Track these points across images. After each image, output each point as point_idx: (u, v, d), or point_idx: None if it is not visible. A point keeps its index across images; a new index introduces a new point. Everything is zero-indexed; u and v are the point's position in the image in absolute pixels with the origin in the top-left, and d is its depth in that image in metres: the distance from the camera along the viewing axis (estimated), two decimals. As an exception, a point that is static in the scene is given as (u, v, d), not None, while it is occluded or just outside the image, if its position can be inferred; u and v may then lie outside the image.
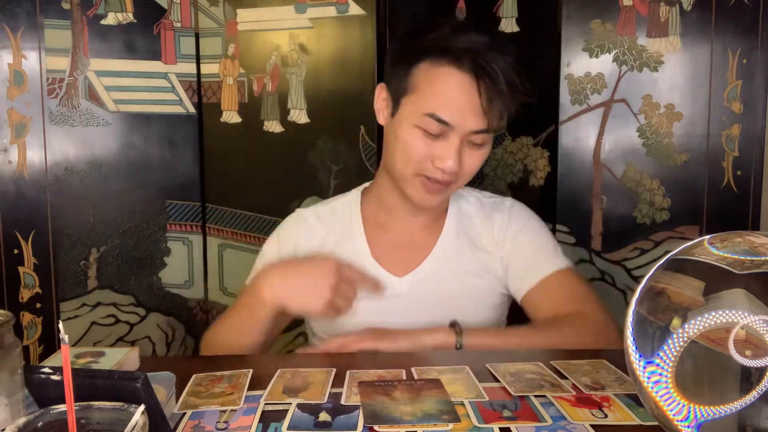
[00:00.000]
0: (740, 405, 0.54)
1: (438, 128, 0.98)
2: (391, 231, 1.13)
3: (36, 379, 0.63)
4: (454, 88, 0.97)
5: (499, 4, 1.46)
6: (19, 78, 1.44)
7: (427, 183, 1.02)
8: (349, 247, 1.11)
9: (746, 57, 1.34)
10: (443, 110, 0.97)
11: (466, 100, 0.97)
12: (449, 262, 1.11)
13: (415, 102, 0.99)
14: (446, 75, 0.97)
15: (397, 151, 1.03)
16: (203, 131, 1.57)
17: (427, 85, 0.98)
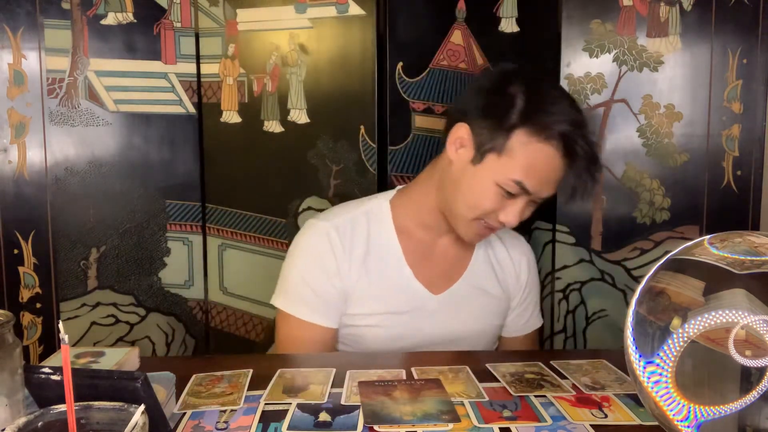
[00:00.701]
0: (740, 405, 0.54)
1: (516, 191, 1.02)
2: (426, 247, 1.15)
3: (36, 379, 0.63)
4: (546, 163, 1.02)
5: (499, 4, 1.46)
6: (19, 78, 1.44)
7: (482, 228, 1.08)
8: (388, 260, 1.12)
9: (746, 57, 1.34)
10: (529, 180, 1.01)
11: (552, 173, 1.03)
12: (477, 282, 1.18)
13: (505, 164, 1.02)
14: (541, 150, 1.01)
15: (467, 197, 1.06)
16: (203, 131, 1.57)
17: (522, 155, 1.01)
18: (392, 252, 1.13)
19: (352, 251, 1.11)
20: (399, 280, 1.12)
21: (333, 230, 1.11)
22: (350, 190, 1.48)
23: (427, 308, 1.12)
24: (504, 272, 1.21)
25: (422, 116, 1.46)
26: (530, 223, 1.49)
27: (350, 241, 1.11)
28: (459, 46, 1.47)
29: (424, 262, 1.14)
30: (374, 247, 1.12)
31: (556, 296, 1.45)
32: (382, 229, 1.14)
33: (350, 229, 1.12)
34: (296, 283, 1.12)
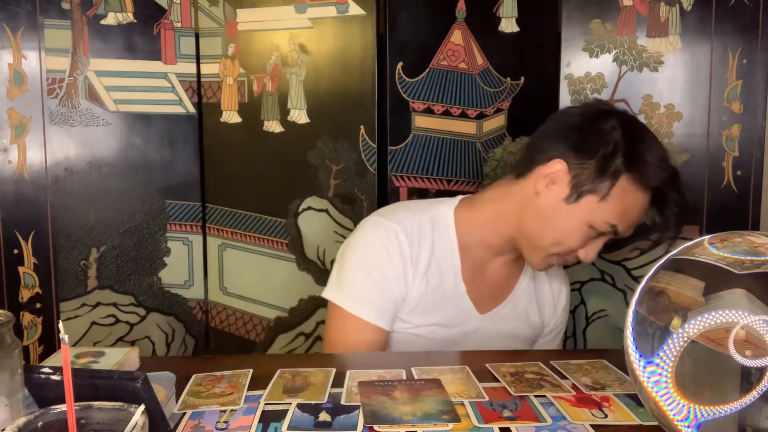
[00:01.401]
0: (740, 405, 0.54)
1: (608, 231, 1.05)
2: (481, 265, 1.15)
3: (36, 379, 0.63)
4: (639, 210, 1.05)
5: (499, 4, 1.46)
6: (19, 78, 1.44)
7: (555, 260, 1.09)
8: (448, 274, 1.12)
9: (746, 57, 1.34)
10: (622, 224, 1.04)
11: (641, 217, 1.07)
12: (519, 307, 1.18)
13: (602, 208, 1.03)
14: (640, 199, 1.04)
15: (554, 232, 1.06)
16: (203, 131, 1.57)
17: (621, 202, 1.03)
18: (453, 265, 1.12)
19: (419, 257, 1.09)
20: (453, 294, 1.12)
21: (402, 233, 1.09)
22: (350, 190, 1.48)
23: (470, 325, 1.13)
24: (543, 301, 1.22)
25: (422, 116, 1.46)
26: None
27: (417, 247, 1.10)
28: (459, 46, 1.47)
29: (477, 280, 1.14)
30: (437, 258, 1.11)
31: (556, 296, 1.45)
32: (446, 241, 1.12)
33: (417, 235, 1.10)
34: (360, 279, 1.08)
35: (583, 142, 1.05)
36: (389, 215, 1.13)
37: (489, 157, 1.51)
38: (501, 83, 1.48)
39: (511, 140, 1.50)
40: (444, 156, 1.50)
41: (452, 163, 1.52)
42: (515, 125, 1.49)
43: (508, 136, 1.50)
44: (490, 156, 1.51)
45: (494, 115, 1.49)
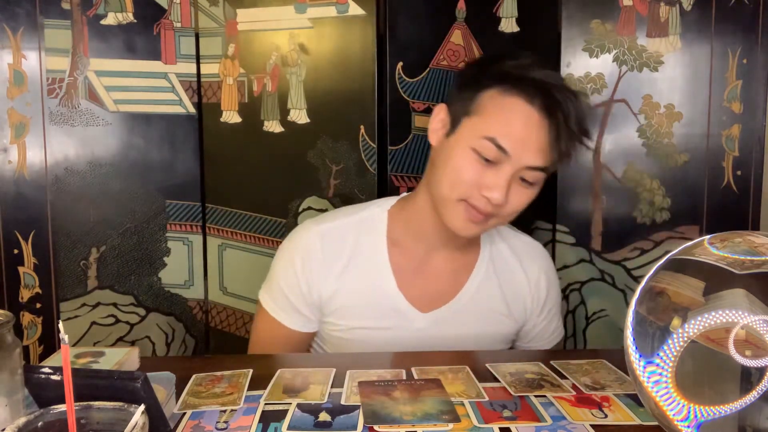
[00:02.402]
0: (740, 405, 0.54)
1: (494, 154, 0.95)
2: (418, 261, 1.10)
3: (36, 379, 0.63)
4: (522, 119, 0.96)
5: (499, 4, 1.46)
6: (19, 78, 1.44)
7: (469, 209, 0.99)
8: (373, 274, 1.08)
9: (746, 57, 1.34)
10: (505, 138, 0.95)
11: (530, 133, 0.95)
12: (475, 304, 1.10)
13: (476, 124, 0.97)
14: (516, 105, 0.96)
15: (446, 172, 1.00)
16: (203, 131, 1.57)
17: (493, 110, 0.97)
18: (379, 264, 1.08)
19: (334, 261, 1.07)
20: (383, 295, 1.07)
21: (317, 236, 1.08)
22: (350, 190, 1.48)
23: (413, 326, 1.08)
24: (516, 293, 1.13)
25: (422, 116, 1.46)
26: (530, 223, 1.49)
27: (333, 250, 1.07)
28: (459, 46, 1.47)
29: (415, 279, 1.09)
30: (359, 259, 1.08)
31: (556, 296, 1.45)
32: (374, 241, 1.09)
33: (337, 237, 1.08)
34: (274, 281, 1.11)
35: (461, 83, 1.04)
36: (318, 218, 1.14)
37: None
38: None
39: (511, 140, 1.50)
40: (444, 156, 1.50)
41: (452, 163, 1.52)
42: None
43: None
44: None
45: (494, 115, 1.49)
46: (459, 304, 1.10)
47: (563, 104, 0.96)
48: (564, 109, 0.96)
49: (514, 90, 0.96)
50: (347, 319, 1.08)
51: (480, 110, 0.98)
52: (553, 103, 0.96)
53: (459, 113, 1.00)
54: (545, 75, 0.98)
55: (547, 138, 0.96)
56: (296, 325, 1.10)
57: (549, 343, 1.19)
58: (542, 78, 0.97)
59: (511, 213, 1.01)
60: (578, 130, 0.98)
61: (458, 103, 1.01)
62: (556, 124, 0.96)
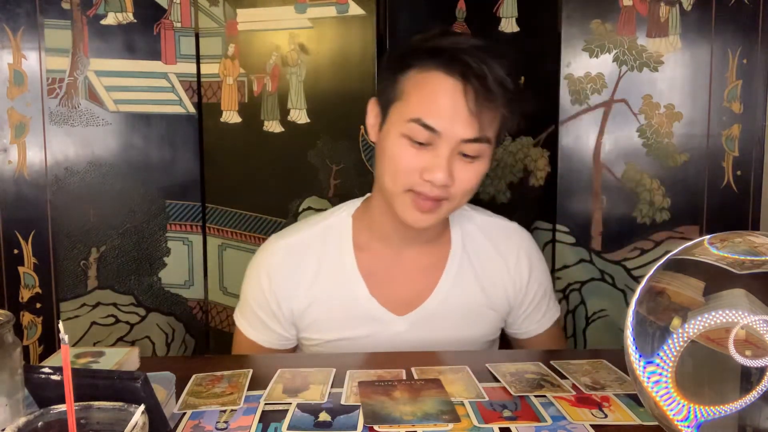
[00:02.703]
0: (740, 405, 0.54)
1: (425, 136, 0.91)
2: (387, 263, 1.05)
3: (36, 379, 0.63)
4: (441, 92, 0.91)
5: (499, 4, 1.46)
6: (19, 78, 1.44)
7: (416, 199, 0.94)
8: (343, 283, 1.04)
9: (746, 57, 1.34)
10: (429, 116, 0.90)
11: (454, 104, 0.90)
12: (453, 300, 1.05)
13: (401, 109, 0.94)
14: (433, 79, 0.92)
15: (385, 165, 0.96)
16: (203, 131, 1.57)
17: (414, 90, 0.93)
18: (347, 271, 1.03)
19: (301, 275, 1.03)
20: (355, 304, 1.03)
21: (282, 251, 1.05)
22: (350, 190, 1.48)
23: (392, 330, 1.03)
24: (494, 281, 1.08)
25: (422, 116, 1.46)
26: (530, 223, 1.49)
27: (299, 264, 1.04)
28: (459, 46, 1.47)
29: (387, 282, 1.04)
30: (327, 269, 1.04)
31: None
32: (340, 248, 1.05)
33: (302, 250, 1.05)
34: (245, 301, 1.08)
35: (383, 70, 1.03)
36: (283, 232, 1.10)
37: (489, 157, 1.51)
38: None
39: (511, 140, 1.50)
40: (444, 156, 1.50)
41: (452, 163, 1.52)
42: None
43: (508, 135, 1.50)
44: (490, 156, 1.51)
45: (494, 115, 1.49)
46: (435, 302, 1.05)
47: (476, 67, 0.89)
48: (477, 73, 0.89)
49: (428, 64, 0.92)
50: (323, 332, 1.05)
51: (402, 94, 0.94)
52: (467, 68, 0.90)
53: (386, 102, 0.97)
54: (454, 42, 0.93)
55: (474, 106, 0.90)
56: (272, 343, 1.07)
57: (541, 326, 1.13)
58: (451, 45, 0.92)
59: (462, 193, 0.95)
60: (499, 88, 0.90)
61: (383, 92, 0.98)
62: (474, 89, 0.89)
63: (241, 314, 1.10)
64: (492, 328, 1.11)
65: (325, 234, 1.06)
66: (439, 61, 0.91)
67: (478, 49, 0.91)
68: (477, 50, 0.91)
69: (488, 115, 0.91)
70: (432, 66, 0.92)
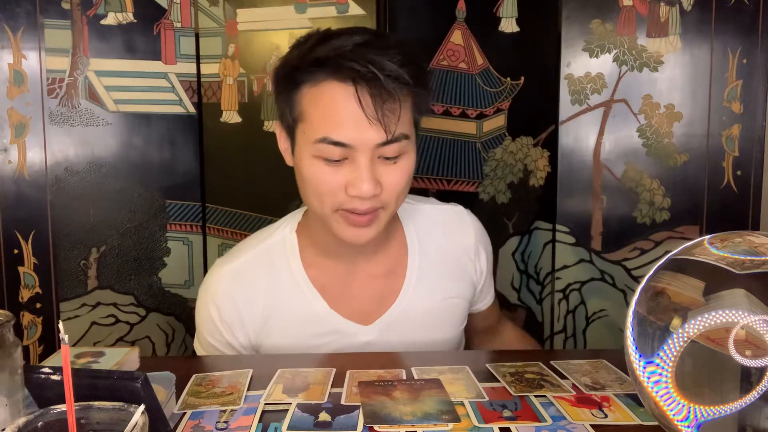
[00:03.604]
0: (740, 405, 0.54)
1: (337, 152, 0.86)
2: (342, 277, 1.01)
3: (36, 379, 0.63)
4: (339, 103, 0.85)
5: (499, 4, 1.46)
6: (19, 78, 1.44)
7: (349, 217, 0.90)
8: (300, 301, 0.99)
9: (746, 57, 1.34)
10: (334, 131, 0.85)
11: (355, 111, 0.84)
12: (420, 300, 1.02)
13: (305, 130, 0.88)
14: (327, 91, 0.86)
15: (306, 189, 0.91)
16: (203, 131, 1.57)
17: (312, 108, 0.87)
18: (303, 291, 0.99)
19: (252, 301, 0.99)
20: (317, 320, 0.99)
21: (227, 279, 1.00)
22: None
23: (361, 340, 0.99)
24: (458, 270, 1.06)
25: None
26: (530, 223, 1.49)
27: (247, 290, 0.99)
28: (459, 46, 1.47)
29: (345, 295, 1.00)
30: (279, 289, 0.99)
31: (556, 296, 1.45)
32: (289, 267, 1.00)
33: (249, 275, 1.00)
34: (198, 330, 1.04)
35: (276, 92, 0.95)
36: (229, 257, 1.04)
37: (489, 157, 1.51)
38: (501, 83, 1.48)
39: (511, 140, 1.50)
40: (444, 156, 1.50)
41: (452, 163, 1.52)
42: (515, 125, 1.49)
43: (508, 136, 1.50)
44: (490, 156, 1.51)
45: (494, 115, 1.49)
46: (401, 306, 1.01)
47: (364, 71, 0.83)
48: (368, 75, 0.83)
49: (318, 76, 0.86)
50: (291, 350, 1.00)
51: (302, 114, 0.89)
52: (355, 73, 0.84)
53: (289, 125, 0.92)
54: (336, 46, 0.86)
55: (373, 110, 0.84)
56: None
57: (485, 304, 1.14)
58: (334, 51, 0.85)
59: (395, 196, 0.91)
60: (395, 83, 0.85)
61: (283, 115, 0.93)
62: (370, 93, 0.84)
63: (198, 342, 1.06)
64: (460, 319, 1.09)
65: (269, 254, 1.01)
66: (327, 71, 0.86)
67: (363, 47, 0.85)
68: (362, 49, 0.85)
69: (394, 113, 0.86)
70: (321, 77, 0.86)
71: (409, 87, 0.87)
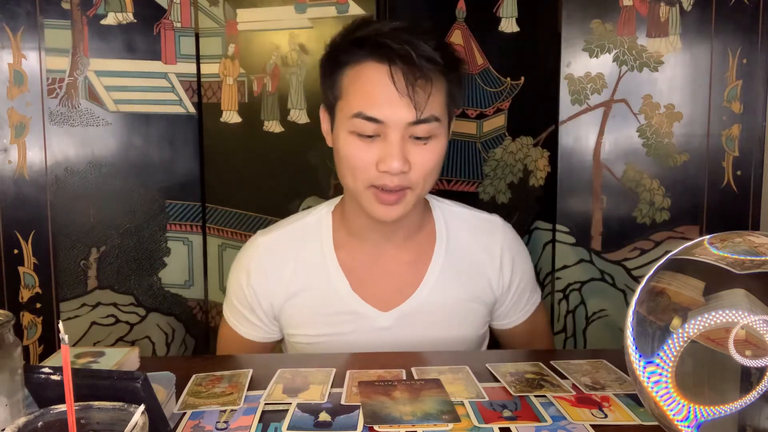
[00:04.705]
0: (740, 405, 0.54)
1: (371, 128, 0.92)
2: (369, 259, 1.06)
3: (36, 379, 0.63)
4: (374, 80, 0.92)
5: (499, 4, 1.46)
6: (19, 78, 1.44)
7: (379, 194, 0.95)
8: (325, 279, 1.05)
9: (746, 57, 1.34)
10: (369, 107, 0.92)
11: (391, 91, 0.91)
12: (438, 295, 1.05)
13: (343, 107, 0.95)
14: (365, 70, 0.93)
15: (342, 166, 0.97)
16: (203, 131, 1.57)
17: (351, 86, 0.94)
18: (329, 270, 1.04)
19: (279, 271, 1.05)
20: (338, 300, 1.03)
21: (261, 248, 1.08)
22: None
23: (376, 326, 1.03)
24: (479, 275, 1.08)
25: (422, 116, 1.46)
26: (530, 223, 1.49)
27: (277, 261, 1.06)
28: (459, 46, 1.47)
29: (369, 277, 1.05)
30: (307, 265, 1.05)
31: (556, 296, 1.45)
32: (320, 245, 1.06)
33: (280, 247, 1.07)
34: (228, 294, 1.12)
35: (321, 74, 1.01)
36: (268, 229, 1.12)
37: (489, 157, 1.51)
38: (501, 83, 1.48)
39: (511, 140, 1.50)
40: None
41: (452, 163, 1.52)
42: (515, 125, 1.49)
43: (508, 136, 1.50)
44: (490, 156, 1.51)
45: (494, 115, 1.49)
46: (420, 298, 1.05)
47: (398, 48, 0.90)
48: (402, 52, 0.90)
49: (358, 56, 0.94)
50: (307, 328, 1.06)
51: (342, 92, 0.96)
52: (390, 51, 0.91)
53: (330, 105, 0.99)
54: (375, 29, 0.95)
55: (405, 88, 0.90)
56: (254, 335, 1.10)
57: (525, 314, 1.14)
58: (373, 32, 0.94)
59: (424, 177, 0.95)
60: (429, 64, 0.91)
61: (326, 96, 1.00)
62: (402, 71, 0.90)
63: (226, 306, 1.13)
64: (479, 323, 1.11)
65: (304, 231, 1.08)
66: (366, 51, 0.93)
67: (400, 30, 0.93)
68: (399, 31, 0.92)
69: (425, 90, 0.91)
70: (361, 57, 0.94)
71: (441, 70, 0.93)
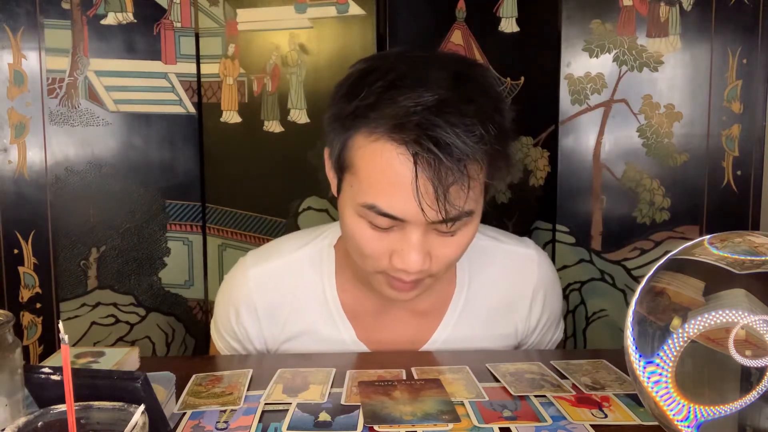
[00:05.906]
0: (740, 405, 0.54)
1: (385, 222, 0.74)
2: (377, 306, 0.93)
3: (36, 379, 0.63)
4: (393, 167, 0.71)
5: (499, 4, 1.46)
6: (19, 78, 1.44)
7: (391, 281, 0.80)
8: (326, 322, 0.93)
9: (746, 57, 1.34)
10: (385, 200, 0.72)
11: (411, 185, 0.70)
12: (452, 343, 0.94)
13: (353, 184, 0.75)
14: (383, 152, 0.71)
15: (349, 242, 0.81)
16: (203, 131, 1.57)
17: (363, 164, 0.73)
18: (331, 312, 0.92)
19: (274, 311, 0.93)
20: (341, 344, 0.93)
21: (252, 284, 0.93)
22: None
23: None
24: (503, 317, 0.96)
25: (422, 116, 1.46)
26: (530, 223, 1.49)
27: (272, 300, 0.93)
28: (459, 46, 1.47)
29: (376, 328, 0.93)
30: (306, 308, 0.92)
31: (556, 296, 1.45)
32: (322, 283, 0.92)
33: (276, 283, 0.93)
34: (215, 321, 1.00)
35: (329, 121, 0.79)
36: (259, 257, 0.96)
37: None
38: (501, 83, 1.48)
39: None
40: (444, 156, 1.50)
41: (452, 163, 1.52)
42: (515, 125, 1.49)
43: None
44: (490, 156, 1.51)
45: (494, 115, 1.49)
46: (433, 348, 0.94)
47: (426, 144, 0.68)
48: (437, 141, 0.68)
49: (378, 128, 0.71)
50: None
51: (352, 165, 0.75)
52: (415, 143, 0.69)
53: (337, 167, 0.79)
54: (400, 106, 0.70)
55: (439, 196, 0.70)
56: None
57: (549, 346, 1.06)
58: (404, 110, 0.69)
59: (446, 265, 0.80)
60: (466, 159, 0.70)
61: (333, 150, 0.79)
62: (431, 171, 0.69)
63: (214, 332, 1.02)
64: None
65: (304, 264, 0.93)
66: (390, 126, 0.70)
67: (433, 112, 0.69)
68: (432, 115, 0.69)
69: (459, 195, 0.72)
70: (379, 131, 0.71)
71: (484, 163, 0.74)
